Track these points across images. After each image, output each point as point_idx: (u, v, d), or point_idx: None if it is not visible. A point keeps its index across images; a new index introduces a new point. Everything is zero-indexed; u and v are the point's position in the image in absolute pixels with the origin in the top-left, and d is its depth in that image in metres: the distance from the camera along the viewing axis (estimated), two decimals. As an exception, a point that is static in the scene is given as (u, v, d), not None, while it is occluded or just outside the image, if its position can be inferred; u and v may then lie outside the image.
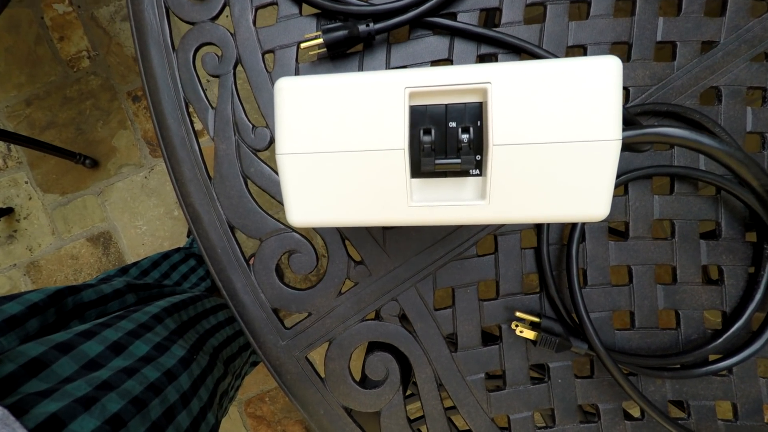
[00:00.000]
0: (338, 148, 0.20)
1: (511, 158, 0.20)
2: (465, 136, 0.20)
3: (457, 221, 0.21)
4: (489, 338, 0.38)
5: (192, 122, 0.36)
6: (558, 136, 0.19)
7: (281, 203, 0.36)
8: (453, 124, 0.21)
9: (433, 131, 0.21)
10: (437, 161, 0.20)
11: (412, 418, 0.38)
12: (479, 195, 0.21)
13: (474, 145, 0.20)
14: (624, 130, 0.21)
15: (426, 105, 0.20)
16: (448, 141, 0.21)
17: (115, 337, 0.48)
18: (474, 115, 0.20)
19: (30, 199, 1.27)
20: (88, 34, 1.27)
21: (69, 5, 1.27)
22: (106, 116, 1.27)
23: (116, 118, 1.27)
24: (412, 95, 0.20)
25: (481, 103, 0.20)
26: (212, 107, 0.36)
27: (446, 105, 0.20)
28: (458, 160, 0.20)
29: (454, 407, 0.37)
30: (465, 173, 0.21)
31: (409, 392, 0.39)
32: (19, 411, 0.35)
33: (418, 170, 0.21)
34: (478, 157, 0.21)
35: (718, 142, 0.20)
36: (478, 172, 0.21)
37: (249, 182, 0.36)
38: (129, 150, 1.27)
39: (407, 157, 0.20)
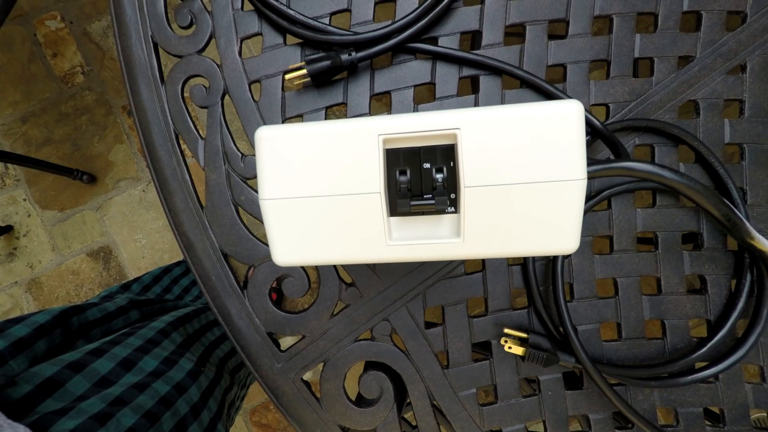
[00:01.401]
0: (318, 192, 0.21)
1: (482, 199, 0.20)
2: (439, 176, 0.21)
3: (434, 258, 0.22)
4: (481, 346, 0.39)
5: (182, 153, 0.37)
6: (526, 177, 0.20)
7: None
8: (427, 165, 0.21)
9: (408, 172, 0.21)
10: (413, 203, 0.21)
11: (414, 424, 0.39)
12: (455, 232, 0.22)
13: (448, 184, 0.21)
14: (589, 164, 0.22)
15: (401, 147, 0.21)
16: (423, 181, 0.22)
17: (124, 354, 0.49)
18: (446, 156, 0.21)
19: (29, 216, 1.28)
20: (81, 49, 1.28)
21: (61, 21, 1.28)
22: (102, 131, 1.28)
23: (112, 132, 1.28)
24: (386, 141, 0.21)
25: (453, 145, 0.21)
26: (202, 138, 0.37)
27: (420, 147, 0.21)
28: (433, 201, 0.21)
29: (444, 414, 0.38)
30: (440, 211, 0.22)
31: (408, 400, 0.40)
32: (38, 429, 0.36)
33: (395, 210, 0.22)
34: (452, 196, 0.21)
35: (679, 176, 0.21)
36: (453, 209, 0.22)
37: (240, 210, 0.37)
38: (126, 164, 1.28)
39: (384, 199, 0.21)
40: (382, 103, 0.85)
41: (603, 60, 0.37)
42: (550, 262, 0.37)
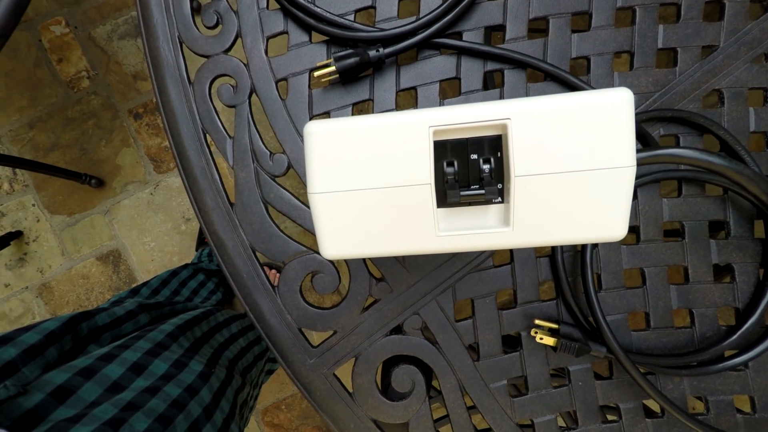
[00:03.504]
0: (367, 185, 0.21)
1: (532, 187, 0.21)
2: (486, 167, 0.21)
3: (483, 247, 0.22)
4: (510, 341, 0.39)
5: (211, 152, 0.38)
6: (576, 165, 0.20)
7: (302, 227, 0.37)
8: (474, 156, 0.22)
9: (456, 163, 0.22)
10: (462, 193, 0.21)
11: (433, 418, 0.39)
12: (503, 222, 0.22)
13: (495, 175, 0.21)
14: (636, 152, 0.22)
15: (448, 139, 0.22)
16: (470, 172, 0.22)
17: (134, 358, 0.49)
18: (493, 147, 0.21)
19: (38, 221, 1.28)
20: (87, 54, 1.28)
21: (66, 26, 1.28)
22: (109, 135, 1.28)
23: (119, 136, 1.28)
24: (435, 132, 0.21)
25: (499, 135, 0.21)
26: (230, 137, 0.37)
27: (467, 139, 0.21)
28: (482, 191, 0.21)
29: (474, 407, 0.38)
30: (488, 201, 0.22)
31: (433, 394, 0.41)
32: None
33: (443, 201, 0.22)
34: (499, 186, 0.22)
35: (728, 161, 0.21)
36: (500, 199, 0.22)
37: (269, 208, 0.38)
38: (133, 167, 1.28)
39: (433, 190, 0.21)
40: (407, 99, 0.85)
41: (626, 51, 0.37)
42: (578, 253, 0.37)
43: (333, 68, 0.35)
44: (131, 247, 1.29)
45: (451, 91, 0.40)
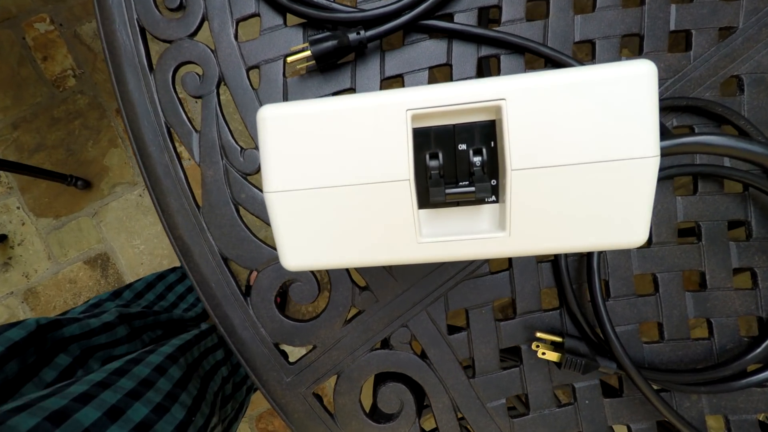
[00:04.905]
0: (334, 182, 0.18)
1: (533, 183, 0.17)
2: (477, 159, 0.18)
3: (474, 256, 0.19)
4: (510, 354, 0.36)
5: (176, 148, 0.34)
6: (587, 156, 0.16)
7: (276, 230, 0.33)
8: (463, 147, 0.18)
9: (440, 155, 0.18)
10: (448, 191, 0.17)
11: (427, 430, 0.36)
12: (497, 225, 0.18)
13: (488, 169, 0.18)
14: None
15: (430, 126, 0.18)
16: (458, 165, 0.18)
17: (113, 401, 0.45)
18: (485, 135, 0.18)
19: (23, 224, 1.24)
20: (72, 52, 1.24)
21: (51, 24, 1.24)
22: (96, 135, 1.25)
23: (106, 136, 1.25)
24: (414, 117, 0.17)
25: (493, 121, 0.18)
26: (196, 131, 0.34)
27: (454, 125, 0.18)
28: (472, 189, 0.17)
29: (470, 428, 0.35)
30: (480, 201, 0.18)
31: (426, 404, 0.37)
32: None
33: (426, 201, 0.18)
34: (493, 182, 0.18)
35: (772, 151, 0.18)
36: (494, 198, 0.18)
37: (240, 209, 0.34)
38: (121, 168, 1.24)
39: (413, 188, 0.18)
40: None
41: (635, 34, 0.33)
42: (584, 257, 0.33)
43: (309, 53, 0.31)
44: (120, 250, 1.25)
45: (442, 79, 0.36)
